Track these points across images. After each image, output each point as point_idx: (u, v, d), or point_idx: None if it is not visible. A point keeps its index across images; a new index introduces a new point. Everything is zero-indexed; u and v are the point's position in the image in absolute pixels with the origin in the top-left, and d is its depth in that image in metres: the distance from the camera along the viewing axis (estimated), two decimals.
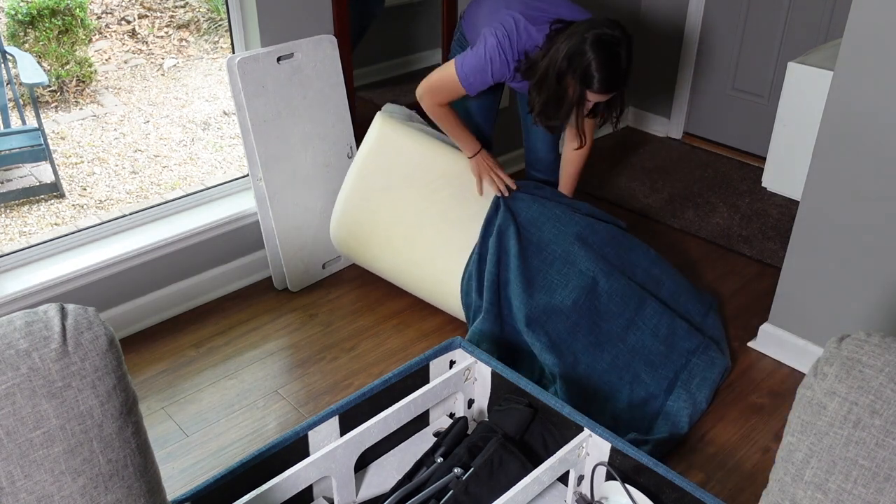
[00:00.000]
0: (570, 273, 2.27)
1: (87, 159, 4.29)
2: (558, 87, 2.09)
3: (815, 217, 2.22)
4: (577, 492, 1.83)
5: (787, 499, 1.05)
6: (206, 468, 2.06)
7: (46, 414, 0.99)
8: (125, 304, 2.53)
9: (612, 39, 2.00)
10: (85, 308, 1.06)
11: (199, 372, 2.39)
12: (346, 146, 2.76)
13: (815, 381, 1.03)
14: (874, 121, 2.00)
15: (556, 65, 2.05)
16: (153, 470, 1.13)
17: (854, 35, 1.96)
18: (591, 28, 2.02)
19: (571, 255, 2.29)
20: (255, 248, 2.79)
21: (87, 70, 4.93)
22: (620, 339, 2.27)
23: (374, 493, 1.90)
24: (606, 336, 2.26)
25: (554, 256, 2.30)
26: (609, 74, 2.02)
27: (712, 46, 3.66)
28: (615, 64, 2.02)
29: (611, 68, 2.02)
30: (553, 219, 2.35)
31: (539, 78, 2.13)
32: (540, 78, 2.12)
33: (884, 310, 2.16)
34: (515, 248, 2.30)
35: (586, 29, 2.02)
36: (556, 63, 2.05)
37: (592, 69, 2.01)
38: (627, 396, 2.21)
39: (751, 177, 3.55)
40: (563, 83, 2.08)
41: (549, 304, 2.25)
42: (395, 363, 2.43)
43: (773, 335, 2.45)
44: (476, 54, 2.19)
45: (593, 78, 2.02)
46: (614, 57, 2.01)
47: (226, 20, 2.56)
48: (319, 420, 1.78)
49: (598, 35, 2.00)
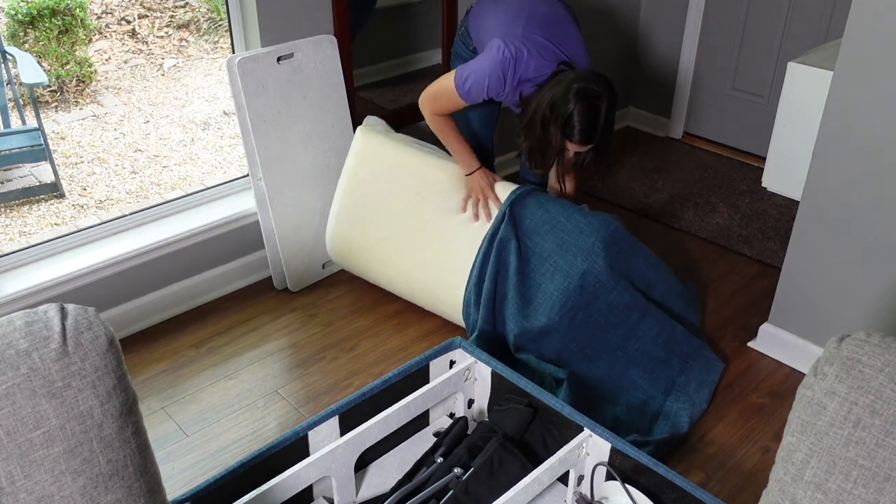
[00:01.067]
0: (571, 287, 2.22)
1: (87, 159, 4.29)
2: (542, 133, 2.13)
3: (815, 217, 2.22)
4: (577, 492, 1.83)
5: (787, 499, 1.05)
6: (206, 468, 2.06)
7: (46, 414, 0.99)
8: (125, 304, 2.53)
9: (594, 93, 2.05)
10: (85, 308, 1.06)
11: (199, 372, 2.39)
12: (346, 146, 2.76)
13: (815, 381, 1.03)
14: (874, 121, 2.00)
15: (541, 111, 2.11)
16: (153, 470, 1.13)
17: (854, 35, 1.96)
18: (577, 80, 2.07)
19: (574, 269, 2.23)
20: (255, 248, 2.79)
21: (87, 70, 4.93)
22: (620, 348, 2.26)
23: (374, 493, 1.90)
24: (603, 346, 2.24)
25: (556, 268, 2.25)
26: (587, 127, 2.07)
27: (712, 46, 3.66)
28: (594, 117, 2.06)
29: (590, 121, 2.06)
30: (558, 227, 2.29)
31: (527, 122, 2.17)
32: (528, 122, 2.17)
33: (884, 310, 2.16)
34: (515, 263, 2.27)
35: (573, 79, 2.07)
36: (541, 109, 2.11)
37: (573, 120, 2.06)
38: (626, 401, 2.20)
39: (751, 177, 3.55)
40: (546, 130, 2.12)
41: (544, 326, 2.22)
42: (395, 363, 2.43)
43: (773, 335, 2.45)
44: (479, 67, 2.19)
45: (573, 129, 2.07)
46: (594, 110, 2.06)
47: (226, 20, 2.57)
48: (319, 420, 1.78)
49: (582, 87, 2.05)
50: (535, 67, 2.16)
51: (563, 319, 2.21)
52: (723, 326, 2.61)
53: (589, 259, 2.24)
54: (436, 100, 2.30)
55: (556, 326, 2.21)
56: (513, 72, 2.16)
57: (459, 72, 2.22)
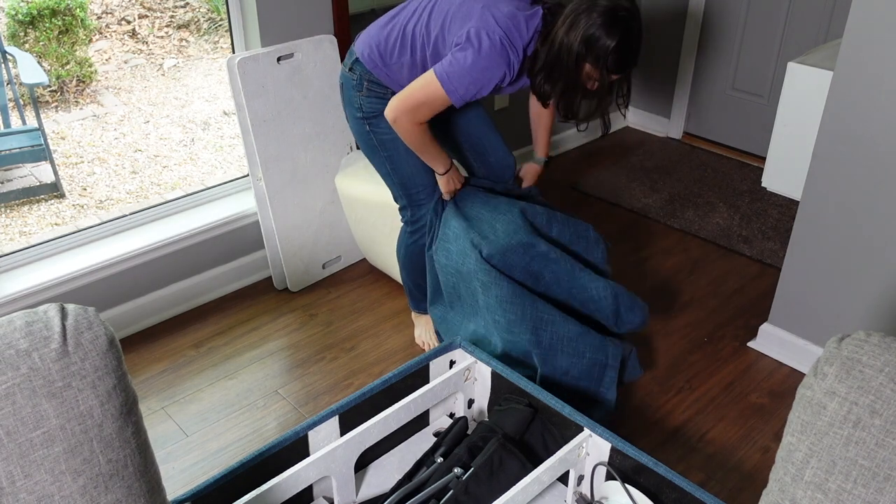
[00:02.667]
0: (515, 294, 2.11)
1: (87, 159, 4.29)
2: (577, 72, 1.90)
3: (815, 217, 2.22)
4: (577, 492, 1.83)
5: (787, 499, 1.05)
6: (206, 468, 2.06)
7: (46, 414, 0.99)
8: (125, 304, 2.53)
9: (629, 15, 1.84)
10: (85, 308, 1.06)
11: (199, 372, 2.39)
12: (346, 146, 2.76)
13: (815, 381, 1.03)
14: (874, 121, 2.00)
15: (572, 50, 1.85)
16: (153, 470, 1.13)
17: (854, 35, 1.96)
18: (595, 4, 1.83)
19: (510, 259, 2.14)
20: (255, 248, 2.79)
21: (88, 70, 4.93)
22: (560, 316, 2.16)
23: (374, 493, 1.90)
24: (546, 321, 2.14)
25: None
26: (631, 53, 1.87)
27: (712, 46, 3.66)
28: (633, 41, 1.86)
29: (630, 47, 1.86)
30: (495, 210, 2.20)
31: (549, 63, 1.92)
32: (550, 63, 1.91)
33: (884, 310, 2.16)
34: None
35: (591, 5, 1.84)
36: (572, 49, 1.85)
37: (616, 51, 1.83)
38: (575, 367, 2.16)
39: (751, 177, 3.55)
40: (579, 70, 1.89)
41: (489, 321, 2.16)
42: (395, 363, 2.43)
43: (773, 335, 2.45)
44: (465, 60, 1.89)
45: (617, 60, 1.85)
46: (631, 33, 1.84)
47: (226, 20, 2.57)
48: (319, 420, 1.78)
49: (611, 11, 1.82)
50: (526, 27, 1.92)
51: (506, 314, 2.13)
52: (723, 326, 2.61)
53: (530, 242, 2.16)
54: (417, 110, 1.98)
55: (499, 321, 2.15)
56: (513, 49, 1.91)
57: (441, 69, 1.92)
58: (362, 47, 2.09)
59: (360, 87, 2.11)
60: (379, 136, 2.15)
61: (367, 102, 2.12)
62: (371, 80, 2.09)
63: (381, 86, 2.10)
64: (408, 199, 2.25)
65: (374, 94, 2.11)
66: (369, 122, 2.14)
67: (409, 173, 2.20)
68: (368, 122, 2.14)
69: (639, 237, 3.12)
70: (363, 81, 2.10)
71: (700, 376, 2.39)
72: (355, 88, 2.12)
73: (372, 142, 2.17)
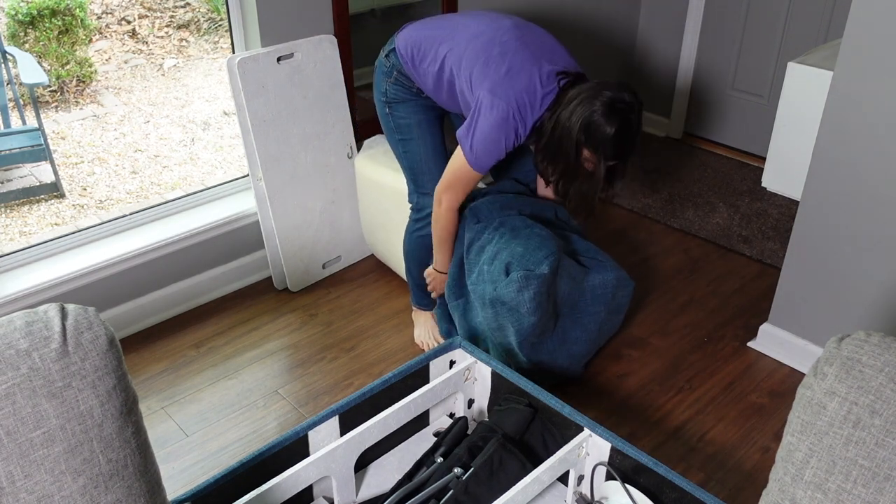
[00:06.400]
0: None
1: (87, 159, 4.29)
2: (574, 159, 1.97)
3: (815, 217, 2.22)
4: (577, 492, 1.83)
5: (787, 499, 1.05)
6: (206, 468, 2.06)
7: (46, 414, 0.99)
8: (125, 304, 2.53)
9: (628, 107, 1.90)
10: (85, 308, 1.06)
11: (199, 372, 2.39)
12: (346, 146, 2.76)
13: (815, 381, 1.03)
14: (874, 121, 2.00)
15: (571, 135, 1.92)
16: (153, 470, 1.13)
17: (854, 35, 1.96)
18: (601, 94, 1.89)
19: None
20: (255, 248, 2.79)
21: (88, 70, 4.93)
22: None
23: (374, 493, 1.90)
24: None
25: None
26: (625, 144, 1.93)
27: (712, 46, 3.66)
28: (630, 132, 1.92)
29: (627, 138, 1.92)
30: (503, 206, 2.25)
31: (551, 147, 1.99)
32: (552, 148, 1.99)
33: (884, 310, 2.16)
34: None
35: (596, 94, 1.90)
36: (572, 134, 1.92)
37: (613, 138, 1.90)
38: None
39: (751, 177, 3.55)
40: (577, 155, 1.96)
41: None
42: (395, 363, 2.43)
43: (773, 335, 2.45)
44: (481, 133, 1.98)
45: (613, 147, 1.92)
46: (629, 125, 1.91)
47: (226, 20, 2.57)
48: (319, 420, 1.78)
49: (612, 101, 1.89)
50: (540, 101, 1.98)
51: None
52: (723, 326, 2.61)
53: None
54: (452, 187, 2.10)
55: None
56: (522, 122, 1.98)
57: (463, 143, 2.03)
58: (402, 41, 2.18)
59: (390, 74, 2.22)
60: (397, 119, 2.25)
61: (393, 89, 2.23)
62: (401, 71, 2.19)
63: (408, 79, 2.20)
64: (415, 185, 2.33)
65: (401, 84, 2.21)
66: (390, 106, 2.25)
67: (419, 159, 2.28)
68: (389, 105, 2.26)
69: (639, 237, 3.12)
70: (394, 71, 2.21)
71: (700, 376, 2.39)
72: (386, 75, 2.23)
73: (390, 124, 2.28)
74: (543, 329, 2.16)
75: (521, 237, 2.13)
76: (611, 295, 2.29)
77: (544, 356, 2.24)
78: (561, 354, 2.28)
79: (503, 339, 2.17)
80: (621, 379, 2.38)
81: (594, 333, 2.32)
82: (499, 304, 2.08)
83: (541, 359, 2.24)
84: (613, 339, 2.54)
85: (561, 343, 2.27)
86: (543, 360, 2.25)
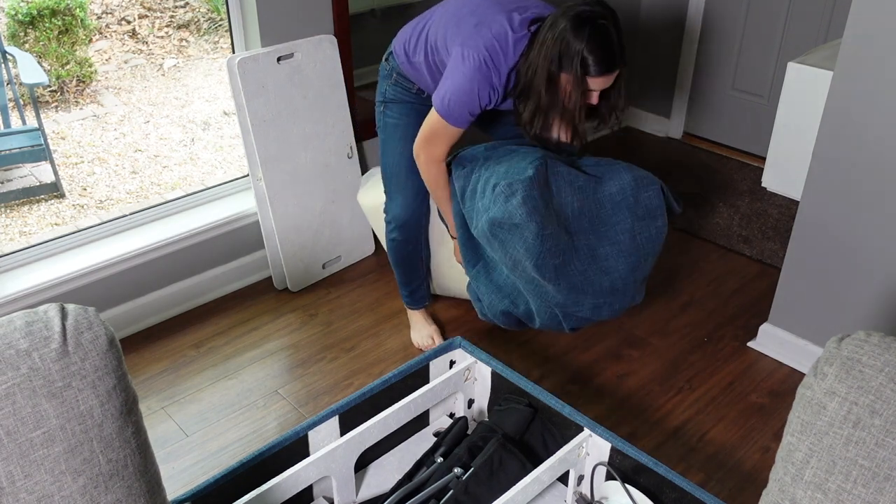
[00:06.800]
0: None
1: (87, 159, 4.29)
2: (550, 88, 1.89)
3: (815, 217, 2.22)
4: (577, 492, 1.83)
5: (787, 499, 1.05)
6: (206, 468, 2.06)
7: (46, 414, 0.99)
8: (125, 304, 2.53)
9: (595, 13, 1.80)
10: (85, 308, 1.06)
11: (199, 372, 2.39)
12: (346, 146, 2.76)
13: (815, 381, 1.03)
14: (874, 121, 2.00)
15: (547, 64, 1.85)
16: (153, 470, 1.13)
17: (854, 35, 1.96)
18: (567, 13, 1.81)
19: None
20: (255, 248, 2.79)
21: (88, 70, 4.93)
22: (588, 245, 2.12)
23: (374, 493, 1.90)
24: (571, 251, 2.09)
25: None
26: (605, 51, 1.81)
27: (712, 46, 3.66)
28: (607, 37, 1.81)
29: (605, 43, 1.80)
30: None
31: (527, 83, 1.92)
32: (528, 83, 1.91)
33: (884, 310, 2.16)
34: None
35: (560, 14, 1.83)
36: (546, 62, 1.85)
37: (585, 52, 1.79)
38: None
39: (751, 177, 3.55)
40: (555, 82, 1.88)
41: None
42: (395, 363, 2.43)
43: (773, 335, 2.45)
44: (454, 85, 1.94)
45: (591, 60, 1.81)
46: (603, 30, 1.80)
47: (226, 20, 2.57)
48: (319, 420, 1.78)
49: (577, 15, 1.80)
50: (513, 46, 1.91)
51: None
52: (723, 326, 2.61)
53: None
54: (429, 142, 2.07)
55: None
56: (496, 70, 1.93)
57: (436, 98, 1.99)
58: (396, 42, 2.20)
59: (389, 76, 2.24)
60: (386, 118, 2.28)
61: (392, 90, 2.24)
62: (399, 73, 2.21)
63: (407, 80, 2.21)
64: (384, 186, 2.35)
65: (400, 85, 2.23)
66: (384, 105, 2.28)
67: (389, 162, 2.30)
68: (384, 105, 2.28)
69: None
70: (393, 73, 2.23)
71: (700, 376, 2.39)
72: (386, 77, 2.25)
73: (380, 122, 2.30)
74: (556, 242, 1.98)
75: (504, 160, 2.05)
76: (632, 199, 2.08)
77: (577, 279, 2.05)
78: (596, 274, 2.08)
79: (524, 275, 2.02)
80: (621, 379, 2.38)
81: (627, 245, 2.09)
82: (497, 228, 1.96)
83: (574, 282, 2.05)
84: (613, 339, 2.54)
85: (591, 262, 2.08)
86: (578, 283, 2.05)
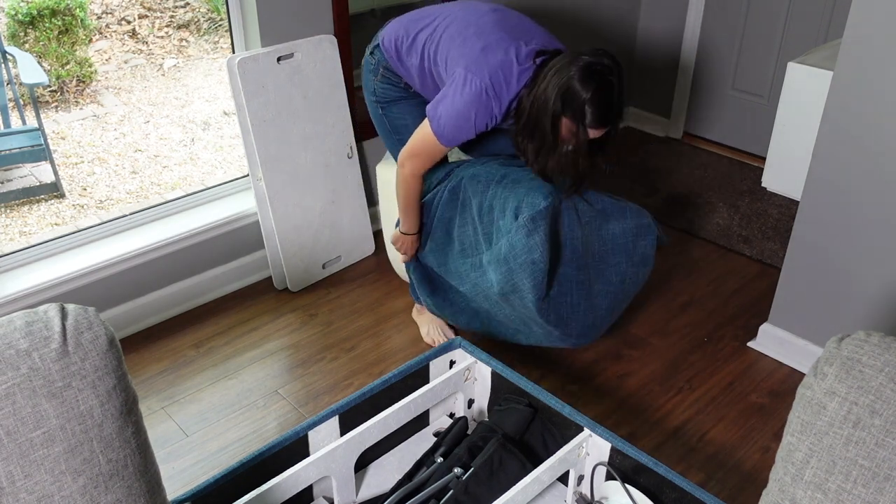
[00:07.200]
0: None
1: (87, 159, 4.29)
2: (553, 129, 1.90)
3: (815, 217, 2.22)
4: (577, 492, 1.83)
5: (787, 499, 1.05)
6: (206, 468, 2.06)
7: (46, 414, 0.99)
8: (125, 304, 2.53)
9: (606, 69, 1.84)
10: (85, 308, 1.06)
11: (199, 372, 2.39)
12: (346, 146, 2.76)
13: (815, 381, 1.03)
14: (874, 121, 2.00)
15: (550, 105, 1.87)
16: (153, 470, 1.13)
17: (854, 35, 1.96)
18: (579, 60, 1.84)
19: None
20: (255, 248, 2.79)
21: (88, 70, 4.93)
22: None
23: (374, 493, 1.90)
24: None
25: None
26: (605, 108, 1.86)
27: (712, 46, 3.66)
28: (609, 95, 1.85)
29: (605, 101, 1.85)
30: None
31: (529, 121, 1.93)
32: (530, 120, 1.93)
33: (884, 310, 2.16)
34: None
35: (571, 61, 1.85)
36: (548, 105, 1.87)
37: (588, 104, 1.84)
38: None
39: (751, 177, 3.55)
40: (557, 125, 1.90)
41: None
42: (395, 363, 2.43)
43: (773, 335, 2.45)
44: (453, 107, 1.93)
45: (591, 113, 1.85)
46: (607, 87, 1.84)
47: (226, 20, 2.57)
48: (319, 420, 1.78)
49: (589, 66, 1.83)
50: (517, 78, 1.93)
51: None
52: (723, 326, 2.61)
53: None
54: (416, 156, 2.06)
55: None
56: (497, 100, 1.93)
57: (432, 112, 1.98)
58: (386, 35, 2.14)
59: (376, 72, 2.18)
60: (393, 121, 2.22)
61: (381, 88, 2.19)
62: (386, 67, 2.16)
63: (395, 74, 2.16)
64: None
65: (388, 80, 2.17)
66: (382, 107, 2.23)
67: None
68: (382, 107, 2.23)
69: None
70: (379, 67, 2.17)
71: (700, 376, 2.39)
72: (372, 73, 2.19)
73: (385, 126, 2.25)
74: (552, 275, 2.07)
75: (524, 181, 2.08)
76: (631, 245, 2.19)
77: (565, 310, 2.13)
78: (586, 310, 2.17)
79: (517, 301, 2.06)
80: (621, 379, 2.38)
81: (616, 285, 2.21)
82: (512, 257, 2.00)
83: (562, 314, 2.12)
84: (613, 339, 2.54)
85: (586, 297, 2.16)
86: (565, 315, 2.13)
